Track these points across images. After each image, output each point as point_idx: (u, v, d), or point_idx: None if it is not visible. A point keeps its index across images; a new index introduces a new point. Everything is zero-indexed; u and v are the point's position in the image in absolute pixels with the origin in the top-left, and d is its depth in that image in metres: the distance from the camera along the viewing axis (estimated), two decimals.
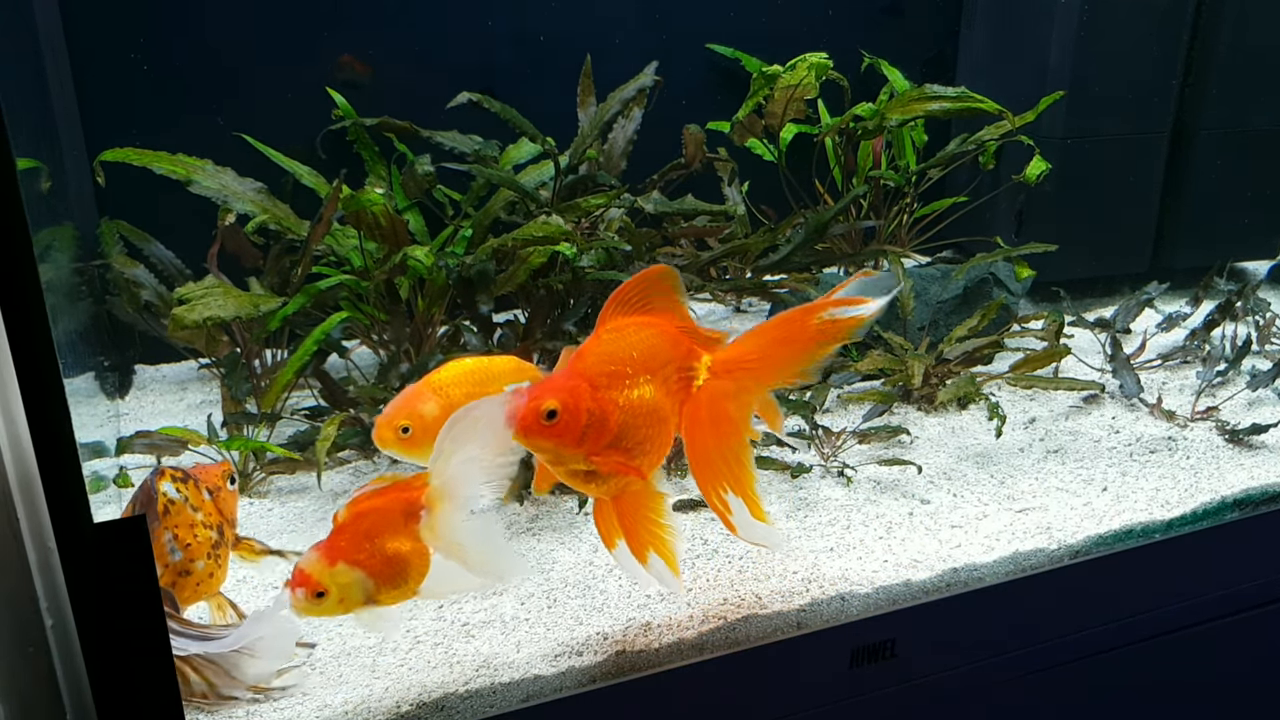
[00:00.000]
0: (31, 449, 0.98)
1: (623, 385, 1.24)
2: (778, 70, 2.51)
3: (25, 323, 0.94)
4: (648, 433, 1.27)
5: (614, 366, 1.24)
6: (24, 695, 1.11)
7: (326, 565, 1.22)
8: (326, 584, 1.22)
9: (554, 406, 1.17)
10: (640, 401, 1.25)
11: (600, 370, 1.23)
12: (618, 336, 1.26)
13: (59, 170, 2.11)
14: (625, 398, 1.24)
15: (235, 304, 1.93)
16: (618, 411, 1.23)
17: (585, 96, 2.41)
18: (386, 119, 2.28)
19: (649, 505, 1.33)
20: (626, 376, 1.24)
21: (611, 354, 1.24)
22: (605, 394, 1.22)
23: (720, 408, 1.33)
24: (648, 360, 1.26)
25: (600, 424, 1.22)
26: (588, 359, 1.24)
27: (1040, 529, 1.72)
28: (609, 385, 1.23)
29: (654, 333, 1.29)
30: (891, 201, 2.79)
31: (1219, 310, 2.44)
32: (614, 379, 1.23)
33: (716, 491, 1.33)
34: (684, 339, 1.33)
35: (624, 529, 1.33)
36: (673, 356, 1.31)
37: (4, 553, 1.06)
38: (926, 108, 2.41)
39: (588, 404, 1.20)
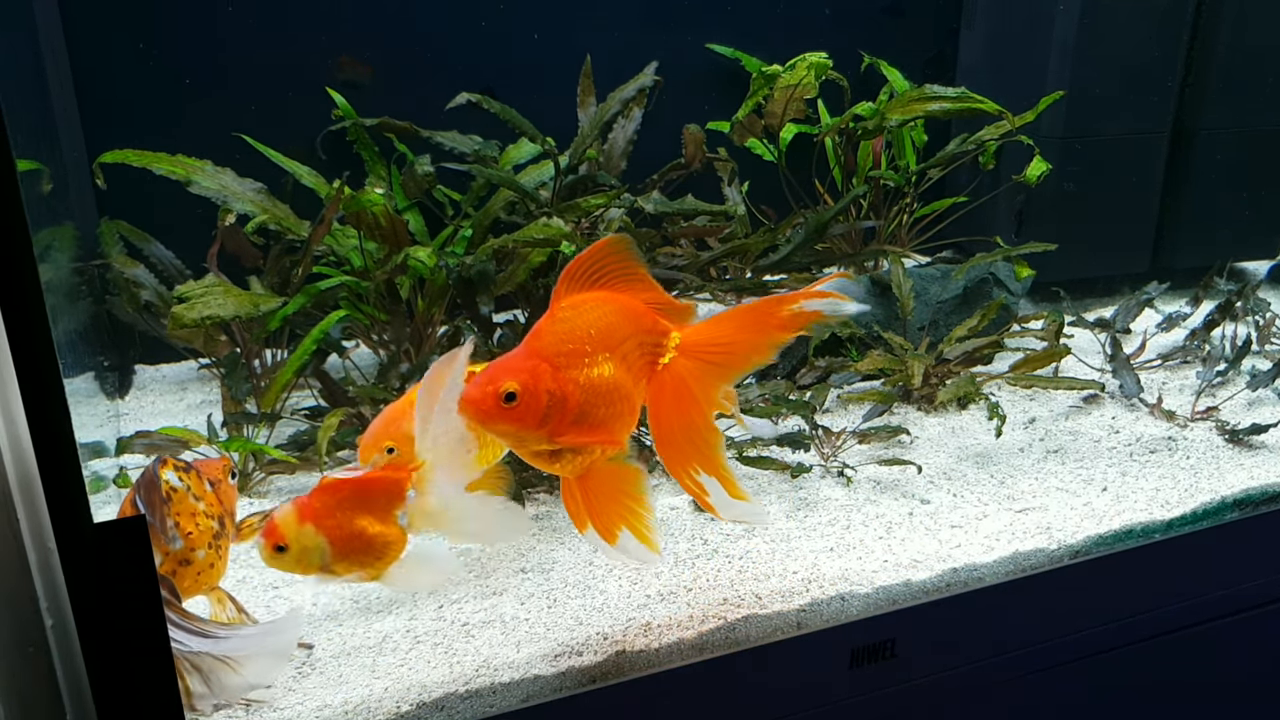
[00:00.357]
0: (31, 449, 0.98)
1: (581, 364, 1.21)
2: (777, 70, 2.51)
3: (25, 323, 0.94)
4: (611, 410, 1.24)
5: (571, 345, 1.21)
6: (24, 695, 1.11)
7: (295, 522, 1.22)
8: (290, 540, 1.22)
9: (513, 389, 1.15)
10: (601, 380, 1.22)
11: (558, 349, 1.20)
12: (574, 314, 1.23)
13: (59, 170, 2.11)
14: (585, 376, 1.21)
15: (235, 303, 1.93)
16: (578, 391, 1.20)
17: (585, 96, 2.41)
18: (386, 119, 2.28)
19: (619, 481, 1.30)
20: (585, 355, 1.21)
21: (568, 332, 1.21)
22: (564, 374, 1.20)
23: (686, 387, 1.30)
24: (606, 337, 1.23)
25: (561, 405, 1.19)
26: (544, 338, 1.21)
27: (1040, 529, 1.72)
28: (568, 365, 1.20)
29: (612, 309, 1.25)
30: (891, 201, 2.79)
31: (1219, 310, 2.44)
32: (572, 358, 1.20)
33: (687, 472, 1.30)
34: (646, 314, 1.30)
35: (590, 508, 1.30)
36: (633, 332, 1.27)
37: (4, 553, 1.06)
38: (926, 108, 2.41)
39: (548, 384, 1.18)
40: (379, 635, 1.47)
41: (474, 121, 2.34)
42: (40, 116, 2.03)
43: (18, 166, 0.92)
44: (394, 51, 2.46)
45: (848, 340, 2.28)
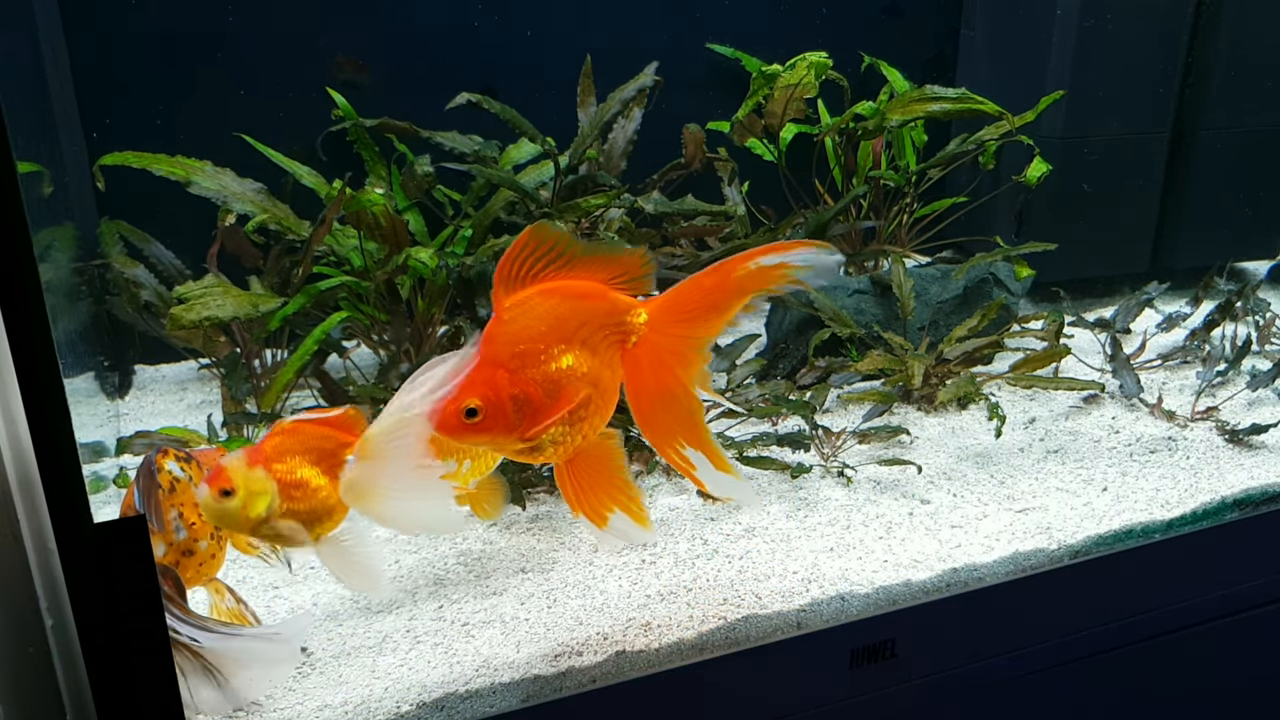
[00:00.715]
0: (31, 449, 0.98)
1: (539, 362, 1.19)
2: (777, 69, 2.51)
3: (25, 323, 0.94)
4: (582, 402, 1.22)
5: (524, 345, 1.18)
6: (24, 695, 1.11)
7: (244, 466, 1.19)
8: (237, 484, 1.18)
9: (474, 404, 1.15)
10: (564, 373, 1.20)
11: (511, 352, 1.18)
12: (520, 313, 1.20)
13: (59, 170, 2.11)
14: (544, 373, 1.19)
15: (234, 304, 1.93)
16: (540, 391, 1.18)
17: (585, 96, 2.41)
18: (386, 120, 2.28)
19: (607, 463, 1.29)
20: (540, 352, 1.19)
21: (518, 333, 1.19)
22: (523, 375, 1.18)
23: (660, 360, 1.27)
24: (559, 328, 1.20)
25: (527, 406, 1.18)
26: (495, 344, 1.18)
27: (1040, 529, 1.72)
28: (524, 365, 1.18)
29: (558, 299, 1.21)
30: (891, 201, 2.79)
31: (1219, 310, 2.44)
32: (528, 358, 1.18)
33: (672, 446, 1.28)
34: (601, 295, 1.25)
35: (578, 493, 1.29)
36: (590, 316, 1.23)
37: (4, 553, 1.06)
38: (927, 108, 2.41)
39: (508, 391, 1.17)
40: (379, 635, 1.47)
41: (474, 122, 2.34)
42: (40, 116, 2.03)
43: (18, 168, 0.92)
44: (394, 52, 2.46)
45: (848, 340, 2.28)
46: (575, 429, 1.23)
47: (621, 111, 2.40)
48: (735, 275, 1.24)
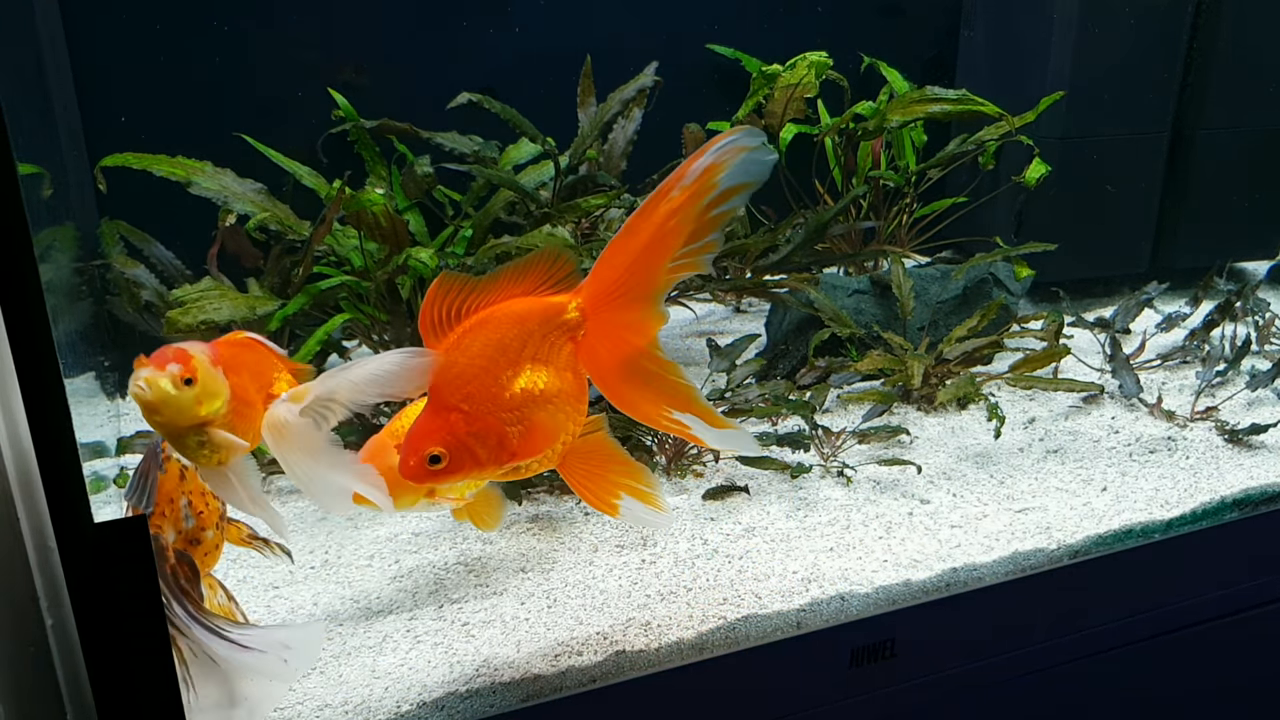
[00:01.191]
0: (32, 449, 0.98)
1: (492, 394, 1.16)
2: (777, 69, 2.51)
3: (26, 322, 0.95)
4: (555, 409, 1.20)
5: (472, 384, 1.16)
6: (24, 695, 1.11)
7: (209, 359, 1.13)
8: (200, 374, 1.11)
9: (436, 452, 1.14)
10: (523, 396, 1.18)
11: (461, 393, 1.16)
12: (458, 353, 1.17)
13: (59, 170, 2.11)
14: (502, 403, 1.17)
15: (232, 306, 1.93)
16: (500, 422, 1.17)
17: (585, 97, 2.41)
18: (386, 120, 2.29)
19: (600, 454, 1.27)
20: (490, 385, 1.17)
21: (460, 372, 1.16)
22: (478, 411, 1.16)
23: (615, 339, 1.23)
24: (501, 357, 1.17)
25: (493, 438, 1.17)
26: (441, 390, 1.16)
27: (1040, 529, 1.72)
28: (478, 401, 1.16)
29: (490, 328, 1.18)
30: (891, 202, 2.79)
31: (1218, 310, 2.44)
32: (479, 394, 1.16)
33: (662, 416, 1.24)
34: (531, 306, 1.21)
35: (583, 489, 1.27)
36: (528, 331, 1.20)
37: (4, 552, 1.06)
38: (927, 109, 2.42)
39: (466, 431, 1.15)
40: (379, 635, 1.47)
41: (474, 122, 2.34)
42: (40, 116, 2.03)
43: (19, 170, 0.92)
44: (394, 52, 2.47)
45: (847, 340, 2.28)
46: (555, 436, 1.21)
47: (622, 112, 2.40)
48: (661, 211, 1.16)
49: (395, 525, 1.78)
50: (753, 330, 2.39)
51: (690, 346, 2.58)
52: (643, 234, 1.17)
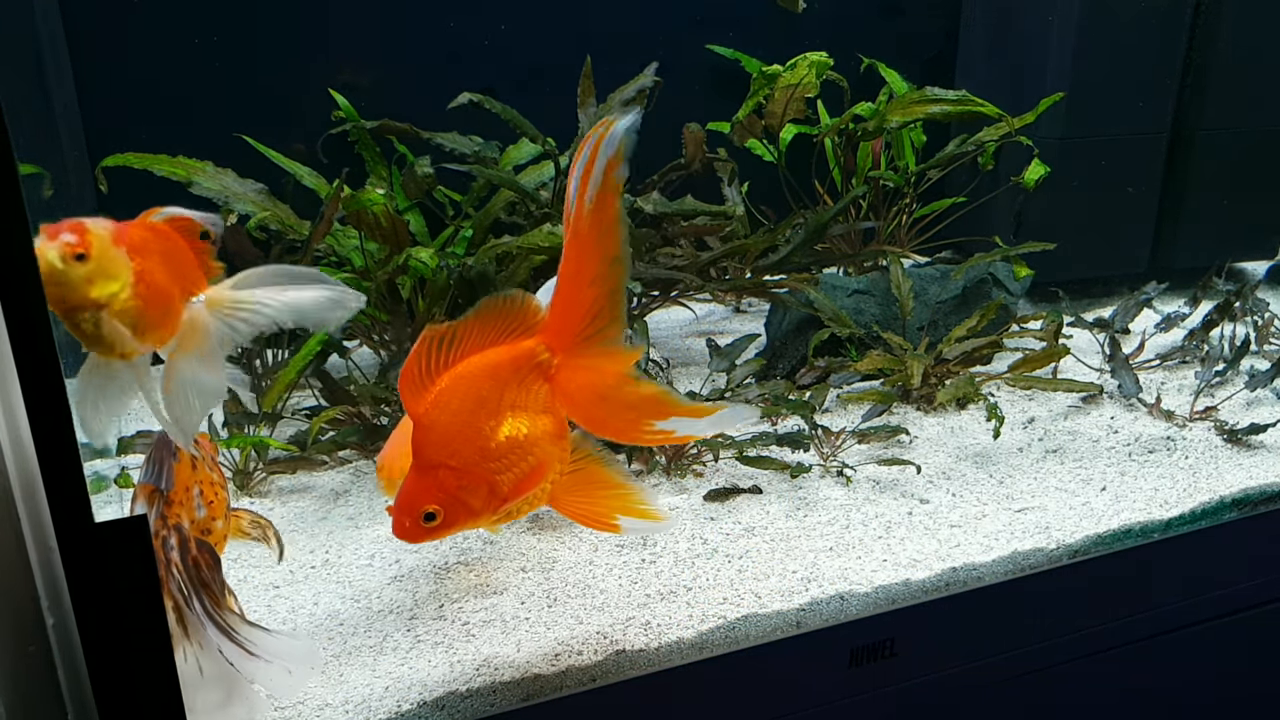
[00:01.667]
0: (33, 448, 0.98)
1: (477, 448, 1.18)
2: (778, 70, 2.51)
3: (26, 322, 0.95)
4: (541, 451, 1.22)
5: (455, 441, 1.17)
6: (25, 694, 1.12)
7: (109, 238, 1.05)
8: (94, 251, 1.02)
9: (430, 509, 1.17)
10: (507, 445, 1.19)
11: (447, 450, 1.18)
12: (439, 411, 1.18)
13: (59, 170, 2.11)
14: (488, 454, 1.18)
15: None
16: (487, 473, 1.19)
17: (585, 97, 2.41)
18: (387, 121, 2.29)
19: (587, 483, 1.28)
20: (474, 438, 1.18)
21: (444, 430, 1.18)
22: (465, 465, 1.18)
23: (589, 370, 1.23)
24: (481, 410, 1.19)
25: (482, 490, 1.19)
26: (426, 450, 1.18)
27: (1039, 529, 1.73)
28: (465, 456, 1.18)
29: (467, 383, 1.19)
30: (891, 202, 2.79)
31: (1217, 310, 2.45)
32: (464, 450, 1.18)
33: (647, 433, 1.25)
34: (504, 355, 1.22)
35: (580, 518, 1.29)
36: (503, 382, 1.21)
37: (5, 552, 1.06)
38: (927, 110, 2.42)
39: (457, 485, 1.18)
40: (379, 634, 1.48)
41: (475, 122, 2.35)
42: (41, 116, 2.04)
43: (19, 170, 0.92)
44: (394, 52, 2.47)
45: (847, 340, 2.29)
46: (543, 477, 1.23)
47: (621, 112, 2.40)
48: (586, 227, 1.16)
49: None
50: (753, 330, 2.39)
51: (690, 346, 2.58)
52: (578, 256, 1.18)
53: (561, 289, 1.21)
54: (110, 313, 1.06)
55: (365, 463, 1.99)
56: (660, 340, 2.59)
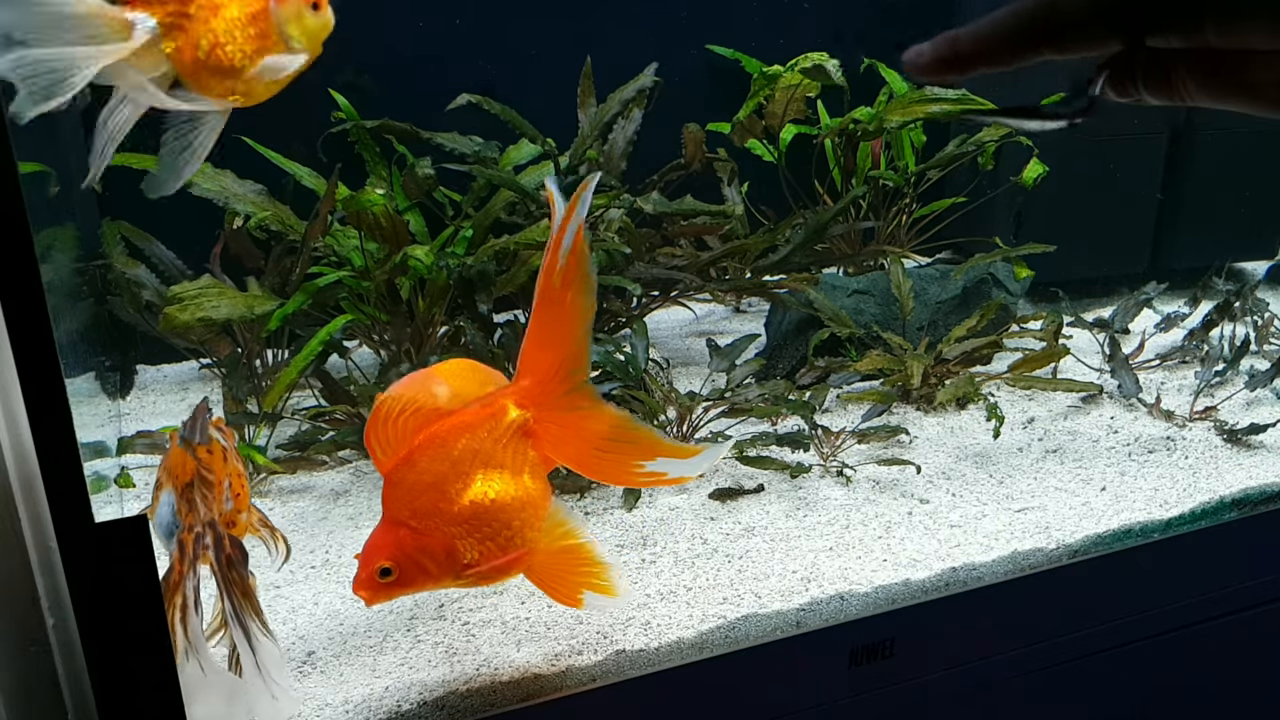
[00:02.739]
0: (33, 449, 0.98)
1: (441, 510, 1.19)
2: (778, 70, 2.51)
3: (27, 323, 0.95)
4: (510, 517, 1.22)
5: (419, 501, 1.19)
6: (25, 694, 1.12)
7: None
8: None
9: (384, 565, 1.18)
10: (477, 506, 1.20)
11: (409, 510, 1.19)
12: (407, 470, 1.20)
13: (61, 170, 2.11)
14: (453, 517, 1.19)
15: (230, 305, 1.93)
16: (448, 537, 1.19)
17: (585, 97, 2.41)
18: (386, 121, 2.29)
19: (563, 563, 1.29)
20: (439, 500, 1.19)
21: (409, 490, 1.19)
22: (428, 527, 1.19)
23: (568, 420, 1.25)
24: (451, 471, 1.19)
25: (442, 554, 1.20)
26: (392, 506, 1.20)
27: (1039, 528, 1.73)
28: (426, 518, 1.19)
29: (437, 446, 1.20)
30: (890, 202, 2.79)
31: (1217, 310, 2.45)
32: (427, 511, 1.19)
33: (637, 475, 1.27)
34: (477, 415, 1.22)
35: (547, 589, 1.31)
36: (476, 440, 1.21)
37: (5, 552, 1.07)
38: (927, 109, 2.42)
39: (415, 546, 1.19)
40: (379, 634, 1.48)
41: (474, 122, 2.35)
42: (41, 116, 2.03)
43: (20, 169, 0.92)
44: (394, 52, 2.47)
45: (847, 340, 2.29)
46: (514, 544, 1.23)
47: (621, 112, 2.40)
48: (559, 284, 1.19)
49: None
50: (752, 330, 2.39)
51: (690, 346, 2.59)
52: (549, 313, 1.20)
53: (531, 345, 1.23)
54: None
55: (365, 463, 1.99)
56: (660, 340, 2.59)
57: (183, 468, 1.26)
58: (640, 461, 1.25)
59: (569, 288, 1.19)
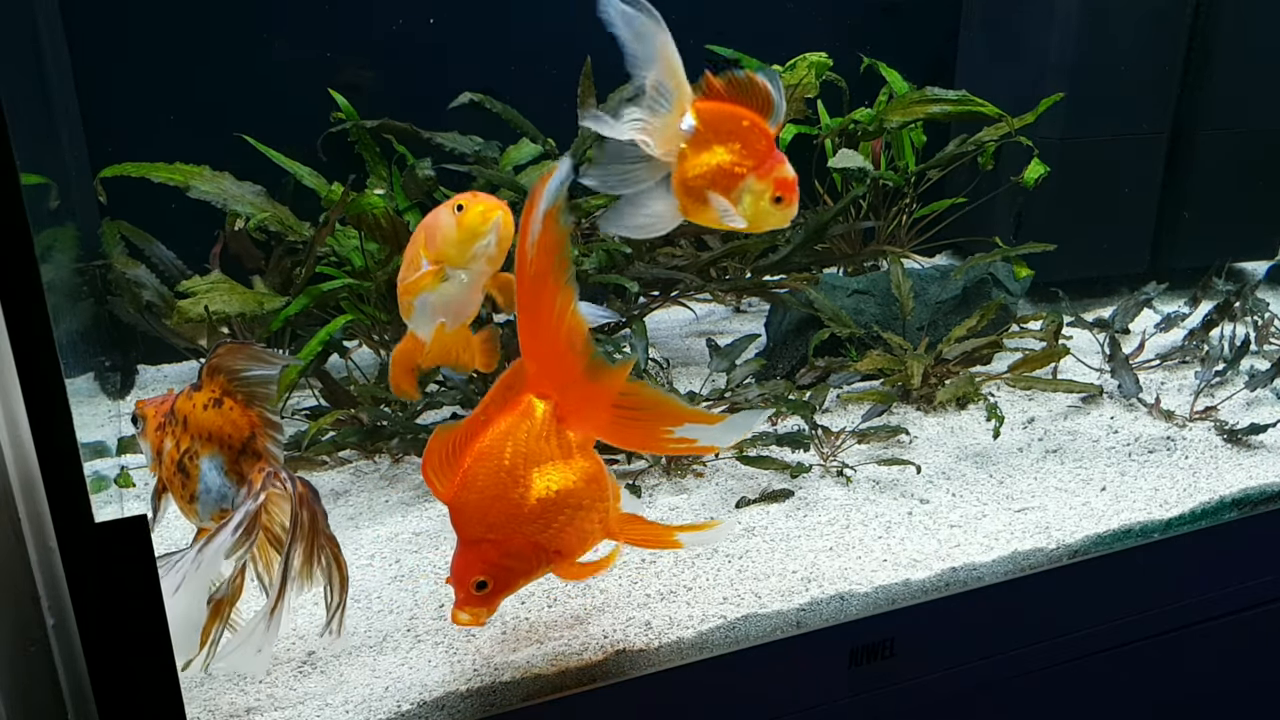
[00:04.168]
0: (33, 449, 0.98)
1: (514, 515, 1.22)
2: (778, 70, 2.51)
3: (27, 323, 0.95)
4: (578, 499, 1.25)
5: (491, 515, 1.22)
6: (25, 694, 1.12)
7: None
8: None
9: (479, 579, 1.21)
10: (540, 506, 1.22)
11: (483, 526, 1.22)
12: (466, 491, 1.23)
13: (60, 170, 2.12)
14: (528, 518, 1.22)
15: (240, 300, 1.94)
16: (528, 535, 1.23)
17: (586, 97, 2.41)
18: (387, 120, 2.29)
19: (649, 536, 1.37)
20: (509, 509, 1.22)
21: (475, 508, 1.22)
22: (508, 535, 1.22)
23: (590, 400, 1.26)
24: (507, 478, 1.22)
25: (528, 552, 1.23)
26: (465, 529, 1.23)
27: (1039, 528, 1.73)
28: (503, 528, 1.22)
29: (488, 457, 1.23)
30: (891, 202, 2.79)
31: (1217, 310, 2.45)
32: (500, 522, 1.22)
33: (668, 443, 1.29)
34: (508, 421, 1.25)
35: (639, 543, 1.38)
36: (519, 443, 1.24)
37: (5, 552, 1.07)
38: (927, 110, 2.42)
39: (499, 554, 1.22)
40: (379, 634, 1.48)
41: (475, 122, 2.35)
42: (42, 116, 2.04)
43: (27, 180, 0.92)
44: (394, 52, 2.47)
45: (847, 340, 2.29)
46: (591, 519, 1.27)
47: None
48: (530, 267, 1.21)
49: (396, 525, 1.78)
50: (753, 330, 2.39)
51: (690, 346, 2.58)
52: (532, 298, 1.22)
53: (525, 334, 1.25)
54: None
55: (365, 463, 2.00)
56: (660, 340, 2.59)
57: (234, 426, 1.26)
58: (669, 428, 1.27)
59: (545, 275, 1.20)
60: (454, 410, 1.98)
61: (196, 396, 1.29)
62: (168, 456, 1.30)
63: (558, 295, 1.21)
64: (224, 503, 1.27)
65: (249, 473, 1.26)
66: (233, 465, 1.27)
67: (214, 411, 1.27)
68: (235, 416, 1.27)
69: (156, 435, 1.33)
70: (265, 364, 1.28)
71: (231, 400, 1.28)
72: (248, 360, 1.28)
